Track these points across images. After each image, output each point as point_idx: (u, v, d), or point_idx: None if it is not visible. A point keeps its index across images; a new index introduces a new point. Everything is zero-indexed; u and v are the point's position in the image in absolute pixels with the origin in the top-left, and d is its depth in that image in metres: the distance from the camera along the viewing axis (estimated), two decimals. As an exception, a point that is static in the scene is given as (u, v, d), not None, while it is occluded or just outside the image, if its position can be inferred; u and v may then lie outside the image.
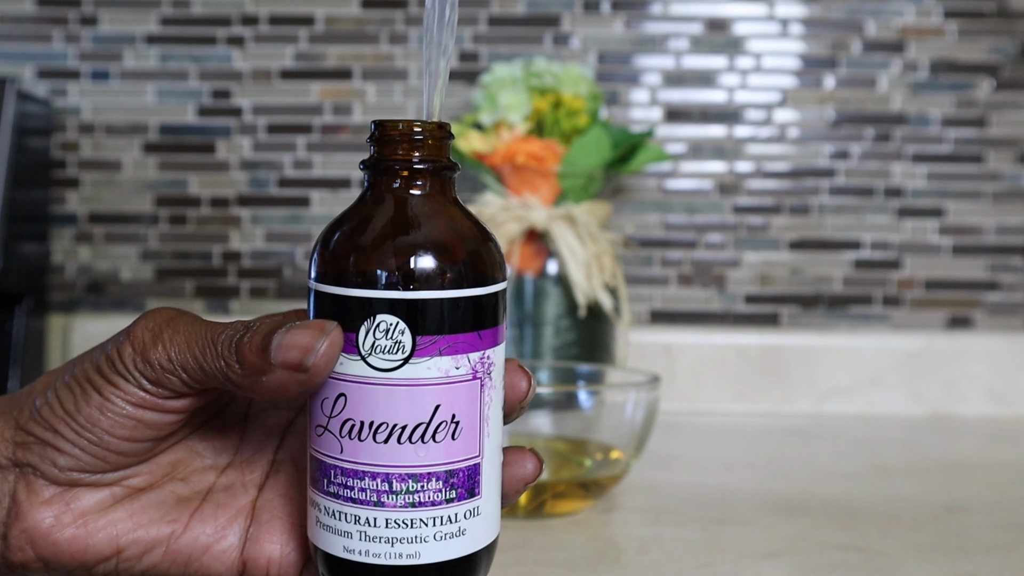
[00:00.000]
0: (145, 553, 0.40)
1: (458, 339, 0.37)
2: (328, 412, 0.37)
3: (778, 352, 1.07)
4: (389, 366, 0.36)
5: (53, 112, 1.10)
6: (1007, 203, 1.09)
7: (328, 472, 0.38)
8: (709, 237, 1.11)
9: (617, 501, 0.74)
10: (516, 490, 0.41)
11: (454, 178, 0.40)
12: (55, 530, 0.38)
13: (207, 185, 1.11)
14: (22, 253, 1.03)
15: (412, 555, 0.37)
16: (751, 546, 0.65)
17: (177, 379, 0.37)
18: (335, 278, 0.37)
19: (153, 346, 0.37)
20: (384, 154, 0.38)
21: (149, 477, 0.40)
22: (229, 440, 0.42)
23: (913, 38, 1.09)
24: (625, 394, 0.72)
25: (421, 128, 0.38)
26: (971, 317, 1.10)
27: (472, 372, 0.37)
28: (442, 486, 0.37)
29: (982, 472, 0.85)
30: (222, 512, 0.41)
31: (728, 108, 1.10)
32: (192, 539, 0.40)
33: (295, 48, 1.10)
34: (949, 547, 0.66)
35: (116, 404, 0.38)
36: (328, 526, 0.38)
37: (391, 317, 0.36)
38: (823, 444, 0.94)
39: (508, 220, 0.92)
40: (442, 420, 0.37)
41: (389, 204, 0.38)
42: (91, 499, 0.39)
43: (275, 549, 0.41)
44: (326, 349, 0.36)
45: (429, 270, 0.37)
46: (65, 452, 0.38)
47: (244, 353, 0.36)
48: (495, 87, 0.97)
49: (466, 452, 0.38)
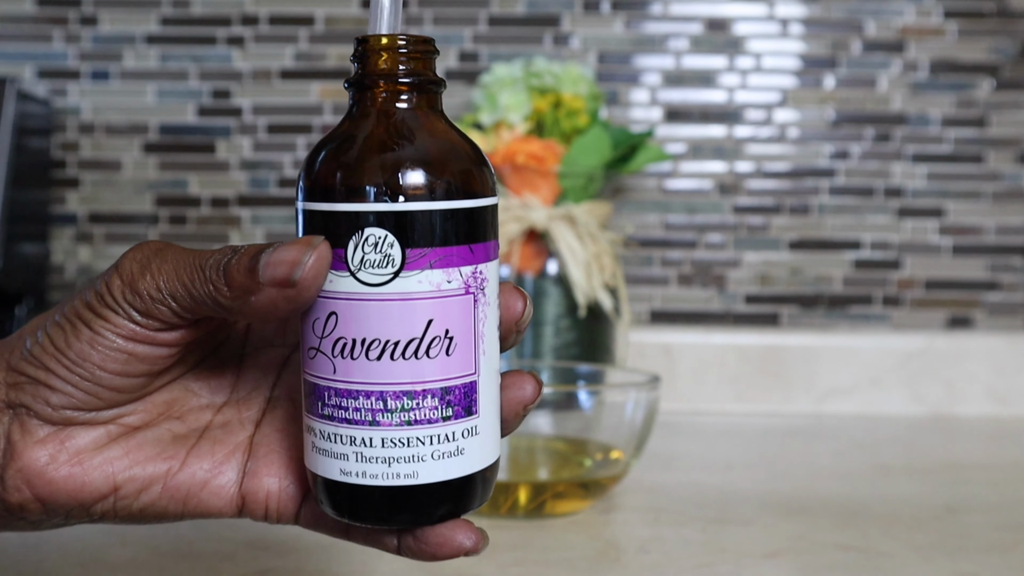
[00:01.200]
0: (142, 490, 0.39)
1: (449, 252, 0.36)
2: (320, 332, 0.37)
3: (778, 352, 1.07)
4: (379, 281, 0.36)
5: (53, 112, 1.10)
6: (1007, 203, 1.09)
7: (322, 394, 0.37)
8: (709, 237, 1.11)
9: (617, 501, 0.74)
10: (516, 413, 0.40)
11: (440, 93, 0.39)
12: (51, 469, 0.38)
13: (207, 185, 1.11)
14: (22, 253, 1.03)
15: (410, 475, 0.37)
16: (751, 546, 0.65)
17: (167, 308, 0.37)
18: (322, 195, 0.37)
19: (141, 276, 0.37)
20: (368, 69, 0.38)
21: (145, 415, 0.40)
22: (225, 379, 0.42)
23: (913, 38, 1.09)
24: (625, 394, 0.72)
25: (406, 41, 0.38)
26: (971, 317, 1.10)
27: (465, 286, 0.37)
28: (438, 403, 0.37)
29: (982, 472, 0.85)
30: (219, 448, 0.41)
31: (728, 108, 1.10)
32: (190, 475, 0.40)
33: (295, 48, 1.10)
34: (949, 547, 0.66)
35: (106, 338, 0.37)
36: (324, 450, 0.37)
37: (379, 230, 0.36)
38: (823, 444, 0.94)
39: (508, 220, 0.92)
40: (435, 335, 0.36)
41: (374, 119, 0.38)
42: (86, 437, 0.39)
43: (273, 483, 0.40)
44: (314, 262, 0.35)
45: (416, 181, 0.36)
46: (58, 390, 0.38)
47: (232, 275, 0.36)
48: (495, 87, 0.97)
49: (461, 369, 0.37)
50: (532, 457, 0.77)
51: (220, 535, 0.64)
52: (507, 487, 0.69)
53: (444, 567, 0.60)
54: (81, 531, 0.64)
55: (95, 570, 0.58)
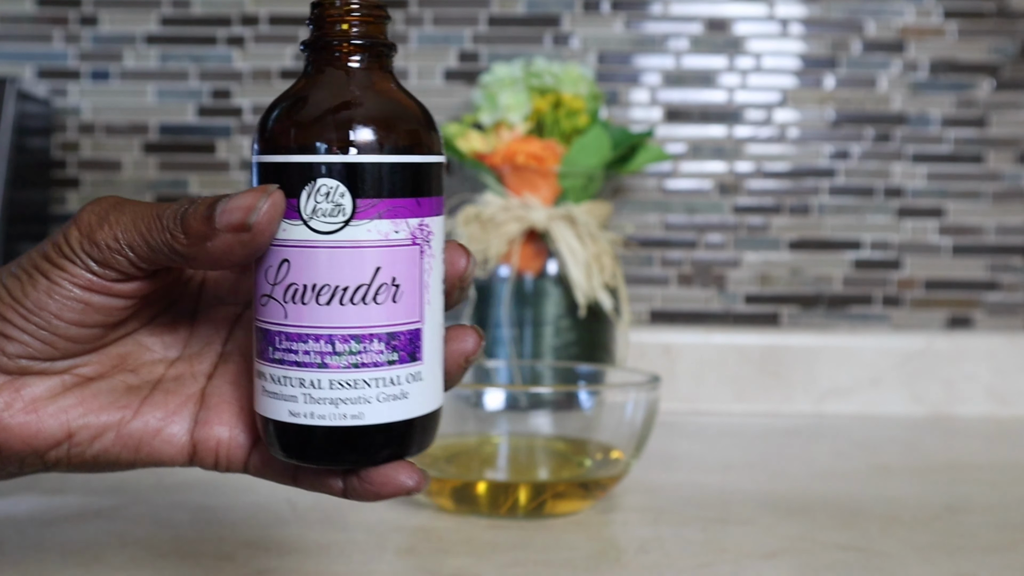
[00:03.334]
0: (96, 438, 0.40)
1: (397, 203, 0.38)
2: (272, 279, 0.38)
3: (778, 352, 1.07)
4: (330, 229, 0.37)
5: (53, 112, 1.10)
6: (1007, 203, 1.09)
7: (273, 339, 0.39)
8: (709, 237, 1.11)
9: (617, 501, 0.74)
10: (458, 364, 0.41)
11: (391, 56, 0.41)
12: (5, 415, 0.39)
13: (207, 185, 1.11)
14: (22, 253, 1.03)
15: (356, 415, 0.38)
16: (751, 546, 0.65)
17: (124, 258, 0.38)
18: (277, 148, 0.38)
19: (99, 227, 0.38)
20: (323, 31, 0.40)
21: (99, 367, 0.41)
22: (178, 334, 0.44)
23: (913, 38, 1.09)
24: (625, 394, 0.72)
25: (358, 4, 0.40)
26: (971, 317, 1.10)
27: (411, 237, 0.39)
28: (384, 348, 0.38)
29: (982, 472, 0.85)
30: (172, 399, 0.42)
31: (728, 108, 1.10)
32: (143, 423, 0.41)
33: (295, 48, 1.10)
34: (949, 547, 0.66)
35: (63, 287, 0.38)
36: (273, 393, 0.39)
37: (331, 180, 0.37)
38: (823, 444, 0.94)
39: (508, 220, 0.92)
40: (383, 282, 0.38)
41: (328, 76, 0.40)
42: (41, 386, 0.40)
43: (224, 431, 0.41)
44: (268, 208, 0.37)
45: (368, 135, 0.38)
46: (14, 339, 0.38)
47: (189, 223, 0.37)
48: (495, 87, 0.97)
49: (407, 316, 0.39)
50: (532, 457, 0.77)
51: (220, 535, 0.64)
52: (507, 487, 0.69)
53: (444, 567, 0.60)
54: (81, 531, 0.64)
55: (95, 570, 0.58)
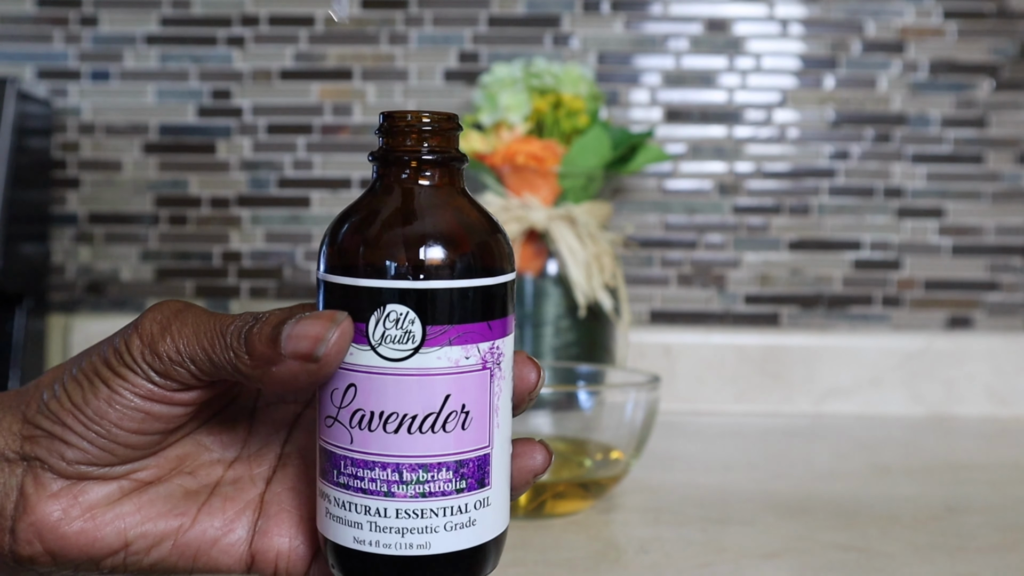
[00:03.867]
0: (153, 547, 0.40)
1: (468, 329, 0.37)
2: (338, 403, 0.37)
3: (778, 352, 1.07)
4: (399, 356, 0.36)
5: (53, 112, 1.10)
6: (1007, 203, 1.09)
7: (338, 463, 0.38)
8: (709, 237, 1.11)
9: (617, 501, 0.74)
10: (525, 481, 0.41)
11: (462, 169, 0.40)
12: (63, 523, 0.38)
13: (207, 185, 1.11)
14: (22, 253, 1.03)
15: (423, 545, 0.37)
16: (751, 546, 0.65)
17: (186, 371, 0.37)
18: (344, 269, 0.37)
19: (161, 338, 0.37)
20: (393, 145, 0.38)
21: (157, 471, 0.40)
22: (236, 434, 0.42)
23: (913, 38, 1.09)
24: (625, 394, 0.72)
25: (430, 119, 0.38)
26: (971, 317, 1.10)
27: (482, 362, 0.37)
28: (452, 476, 0.37)
29: (982, 472, 0.85)
30: (230, 505, 0.41)
31: (728, 108, 1.10)
32: (200, 532, 0.40)
33: (295, 48, 1.10)
34: (949, 547, 0.66)
35: (124, 396, 0.37)
36: (338, 517, 0.38)
37: (401, 307, 0.36)
38: (823, 444, 0.94)
39: (508, 220, 0.92)
40: (452, 410, 0.37)
41: (398, 195, 0.38)
42: (99, 492, 0.39)
43: (284, 542, 0.41)
44: (337, 339, 0.35)
45: (439, 259, 0.37)
46: (73, 445, 0.38)
47: (254, 344, 0.36)
48: (495, 87, 0.97)
49: (476, 442, 0.38)
50: (532, 457, 0.77)
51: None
52: (507, 487, 0.69)
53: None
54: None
55: (95, 570, 0.58)
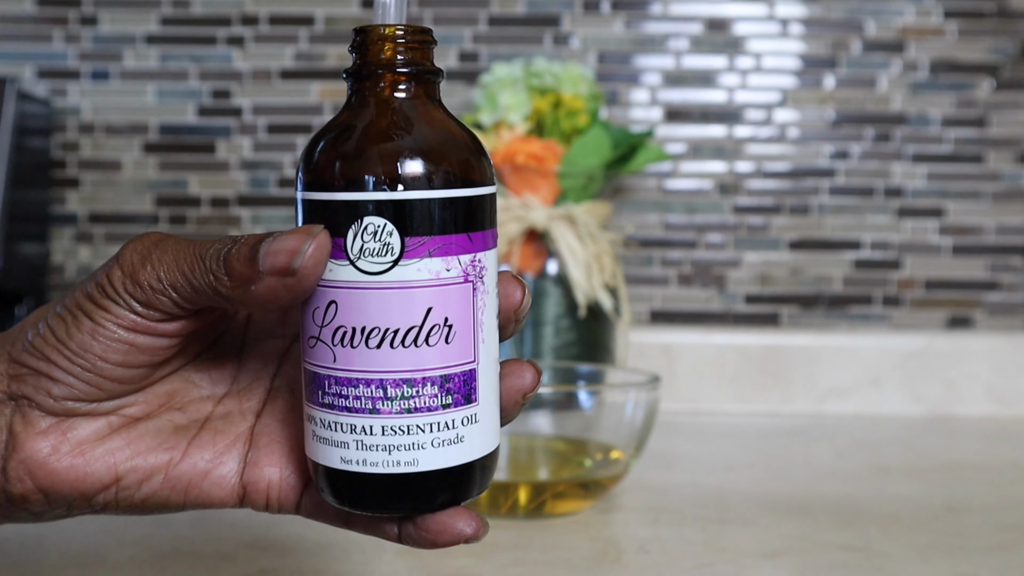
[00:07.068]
0: (144, 481, 0.40)
1: (448, 240, 0.36)
2: (320, 321, 0.37)
3: (778, 352, 1.07)
4: (378, 269, 0.36)
5: (53, 112, 1.10)
6: (1007, 203, 1.09)
7: (322, 383, 0.37)
8: (709, 237, 1.11)
9: (617, 501, 0.74)
10: (515, 401, 0.40)
11: (438, 83, 0.39)
12: (53, 459, 0.38)
13: (207, 185, 1.11)
14: (22, 253, 1.03)
15: (410, 462, 0.37)
16: (751, 546, 0.65)
17: (167, 299, 0.37)
18: (321, 184, 0.37)
19: (142, 267, 0.37)
20: (367, 59, 0.38)
21: (146, 406, 0.41)
22: (225, 370, 0.42)
23: (913, 38, 1.09)
24: (625, 394, 0.72)
25: (404, 31, 0.38)
26: (971, 317, 1.10)
27: (463, 274, 0.37)
28: (438, 391, 0.37)
29: (982, 472, 0.85)
30: (220, 438, 0.41)
31: (728, 108, 1.10)
32: (191, 465, 0.40)
33: (295, 48, 1.10)
34: (949, 547, 0.66)
35: (108, 328, 0.37)
36: (324, 438, 0.38)
37: (379, 219, 0.36)
38: (823, 444, 0.94)
39: (508, 220, 0.92)
40: (435, 323, 0.36)
41: (372, 108, 0.38)
42: (88, 428, 0.39)
43: (274, 472, 0.40)
44: (313, 250, 0.35)
45: (416, 170, 0.36)
46: (59, 381, 0.38)
47: (232, 264, 0.36)
48: (495, 87, 0.97)
49: (461, 357, 0.37)
50: (532, 457, 0.77)
51: (220, 535, 0.64)
52: (507, 487, 0.69)
53: (444, 567, 0.60)
54: (81, 531, 0.64)
55: (95, 570, 0.58)
